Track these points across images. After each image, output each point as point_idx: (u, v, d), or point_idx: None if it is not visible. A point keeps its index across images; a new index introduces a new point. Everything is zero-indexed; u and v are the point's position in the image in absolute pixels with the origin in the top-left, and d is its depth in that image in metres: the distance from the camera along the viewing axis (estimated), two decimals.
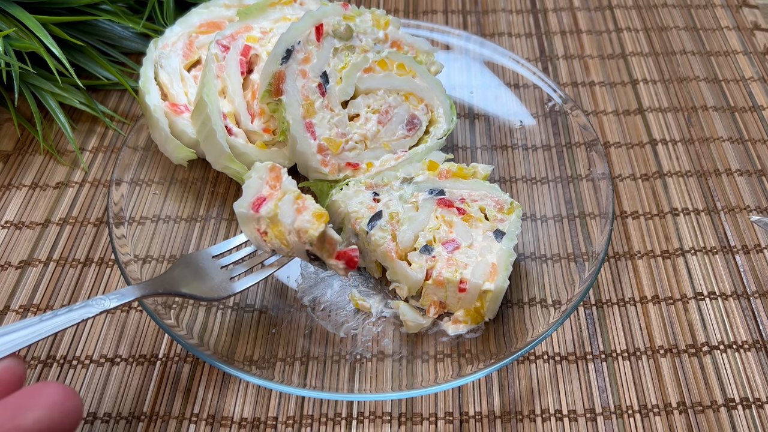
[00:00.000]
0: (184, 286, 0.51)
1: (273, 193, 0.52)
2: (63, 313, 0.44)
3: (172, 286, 0.50)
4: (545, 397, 0.51)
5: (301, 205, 0.50)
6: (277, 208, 0.50)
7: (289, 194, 0.51)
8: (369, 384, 0.51)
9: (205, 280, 0.52)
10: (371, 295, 0.56)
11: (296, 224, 0.49)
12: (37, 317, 0.44)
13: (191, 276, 0.52)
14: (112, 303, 0.46)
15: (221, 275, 0.53)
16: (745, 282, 0.58)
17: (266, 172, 0.53)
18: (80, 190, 0.65)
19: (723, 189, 0.64)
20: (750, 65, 0.75)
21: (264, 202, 0.51)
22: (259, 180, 0.52)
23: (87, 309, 0.45)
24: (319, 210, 0.50)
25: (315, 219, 0.49)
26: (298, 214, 0.50)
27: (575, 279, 0.55)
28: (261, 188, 0.52)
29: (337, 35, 0.60)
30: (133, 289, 0.48)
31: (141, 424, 0.50)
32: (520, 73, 0.69)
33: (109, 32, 0.72)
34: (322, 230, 0.49)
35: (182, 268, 0.52)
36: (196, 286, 0.51)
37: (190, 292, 0.51)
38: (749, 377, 0.52)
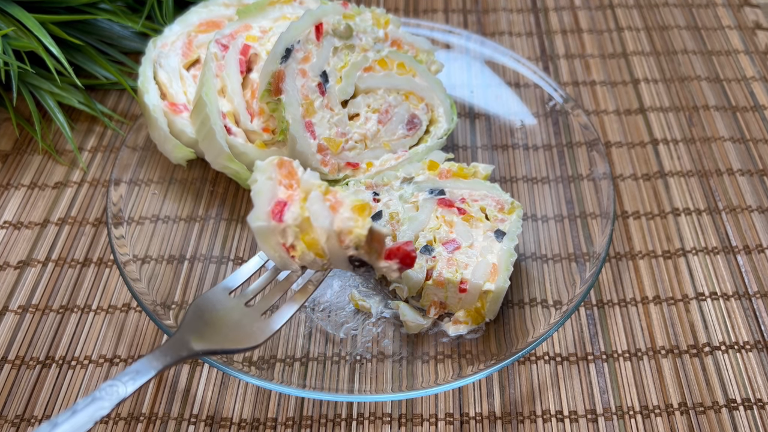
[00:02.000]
0: (207, 340, 0.41)
1: (293, 194, 0.42)
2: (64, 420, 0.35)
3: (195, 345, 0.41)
4: (546, 398, 0.51)
5: (333, 201, 0.41)
6: (305, 210, 0.41)
7: (315, 191, 0.41)
8: (369, 385, 0.51)
9: (230, 324, 0.43)
10: (371, 296, 0.56)
11: (336, 226, 0.40)
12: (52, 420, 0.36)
13: (212, 324, 0.43)
14: (128, 388, 0.38)
15: (248, 315, 0.44)
16: (746, 282, 0.58)
17: (275, 170, 0.42)
18: (79, 190, 0.64)
19: (724, 189, 0.64)
20: (751, 65, 0.75)
21: (285, 207, 0.41)
22: (269, 181, 0.42)
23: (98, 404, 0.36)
24: (358, 201, 0.40)
25: (357, 214, 0.40)
26: (334, 212, 0.40)
27: (576, 279, 0.55)
28: (275, 191, 0.42)
29: (337, 34, 0.60)
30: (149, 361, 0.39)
31: (140, 425, 0.50)
32: (520, 73, 0.68)
33: (108, 31, 0.72)
34: (369, 226, 0.39)
35: (198, 317, 0.43)
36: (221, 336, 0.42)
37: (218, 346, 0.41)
38: (751, 378, 0.52)
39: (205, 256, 0.59)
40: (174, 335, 0.42)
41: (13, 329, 0.55)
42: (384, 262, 0.41)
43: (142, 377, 0.39)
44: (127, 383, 0.38)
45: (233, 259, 0.59)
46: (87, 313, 0.56)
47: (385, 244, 0.40)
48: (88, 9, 0.69)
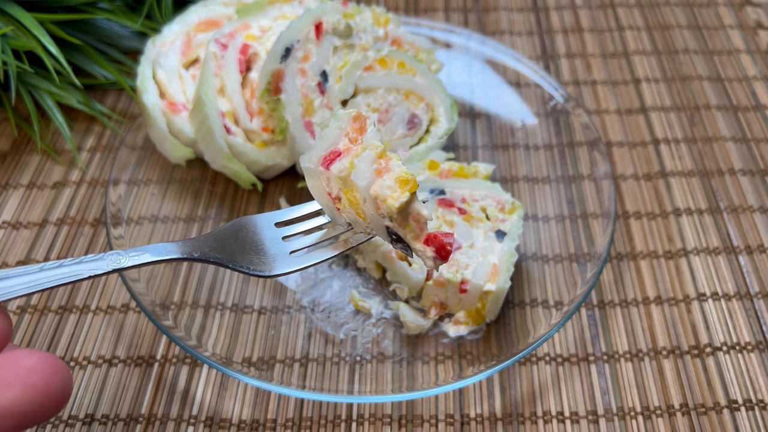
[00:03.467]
0: (227, 253, 0.42)
1: (351, 148, 0.41)
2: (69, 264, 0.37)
3: (212, 250, 0.42)
4: (547, 399, 0.51)
5: (383, 166, 0.40)
6: (353, 166, 0.40)
7: (369, 150, 0.40)
8: (369, 386, 0.51)
9: (258, 250, 0.43)
10: (371, 296, 0.56)
11: (372, 189, 0.39)
12: (38, 265, 0.37)
13: (241, 242, 0.43)
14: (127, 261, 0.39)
15: (279, 247, 0.44)
16: (748, 282, 0.57)
17: (348, 121, 0.42)
18: (78, 189, 0.64)
19: (726, 189, 0.64)
20: (753, 64, 0.74)
21: (338, 157, 0.41)
22: (338, 130, 0.42)
23: (98, 263, 0.38)
24: (406, 174, 0.39)
25: (398, 185, 0.39)
26: (378, 176, 0.40)
27: (577, 280, 0.54)
28: (338, 140, 0.42)
29: (337, 33, 0.59)
30: (159, 248, 0.40)
31: (139, 426, 0.50)
32: (521, 72, 0.68)
33: (106, 31, 0.72)
34: (405, 201, 0.38)
35: (233, 231, 0.43)
36: (243, 256, 0.42)
37: (232, 261, 0.42)
38: (752, 378, 0.52)
39: None
40: (202, 236, 0.43)
41: None
42: (420, 245, 0.40)
43: (145, 257, 0.39)
44: (130, 257, 0.39)
45: None
46: (86, 313, 0.56)
47: (425, 226, 0.40)
48: (86, 8, 0.69)
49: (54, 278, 0.37)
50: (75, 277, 0.37)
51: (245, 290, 0.57)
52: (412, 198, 0.39)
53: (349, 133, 0.42)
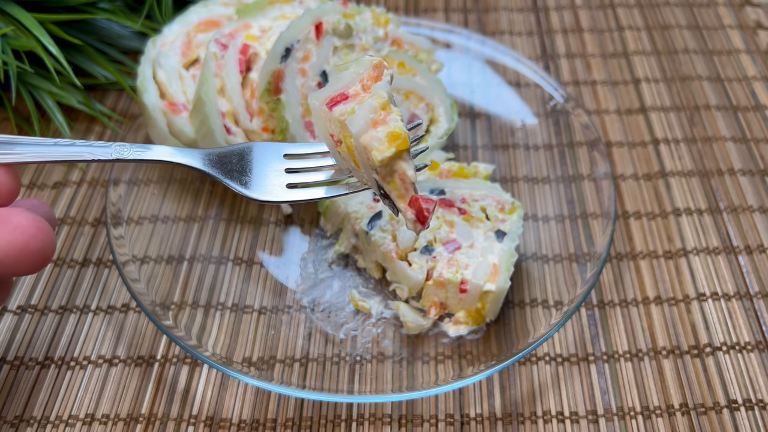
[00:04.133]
0: (226, 171, 0.43)
1: (360, 94, 0.41)
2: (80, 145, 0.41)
3: (212, 163, 0.43)
4: (547, 399, 0.51)
5: (380, 117, 0.40)
6: (352, 111, 0.40)
7: (372, 99, 0.40)
8: (369, 385, 0.51)
9: (257, 174, 0.44)
10: (371, 296, 0.56)
11: (363, 138, 0.39)
12: (53, 140, 0.40)
13: (243, 163, 0.44)
14: (130, 154, 0.41)
15: (279, 177, 0.44)
16: (747, 283, 0.57)
17: (368, 68, 0.42)
18: (78, 190, 0.64)
19: (726, 189, 0.64)
20: (753, 64, 0.75)
21: (345, 100, 0.41)
22: (355, 74, 0.42)
23: (104, 150, 0.41)
24: (398, 130, 0.39)
25: (387, 139, 0.39)
26: (372, 127, 0.39)
27: (577, 280, 0.54)
28: (352, 84, 0.42)
29: (337, 33, 0.60)
30: (163, 151, 0.42)
31: (139, 425, 0.50)
32: (521, 72, 0.68)
33: (107, 31, 0.72)
34: (388, 155, 0.39)
35: (239, 152, 0.44)
36: (240, 176, 0.43)
37: (228, 177, 0.43)
38: (752, 378, 0.52)
39: (204, 256, 0.59)
40: (203, 149, 0.44)
41: (11, 330, 0.55)
42: (403, 204, 0.41)
43: (146, 154, 0.42)
44: (133, 151, 0.41)
45: (233, 260, 0.59)
46: (86, 313, 0.56)
47: (410, 186, 0.40)
48: (87, 8, 0.69)
49: (63, 154, 0.40)
50: (81, 158, 0.40)
51: (245, 290, 0.57)
52: (399, 155, 0.39)
53: (364, 79, 0.42)
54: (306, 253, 0.59)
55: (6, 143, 0.40)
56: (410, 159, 0.40)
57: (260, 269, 0.58)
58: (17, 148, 0.40)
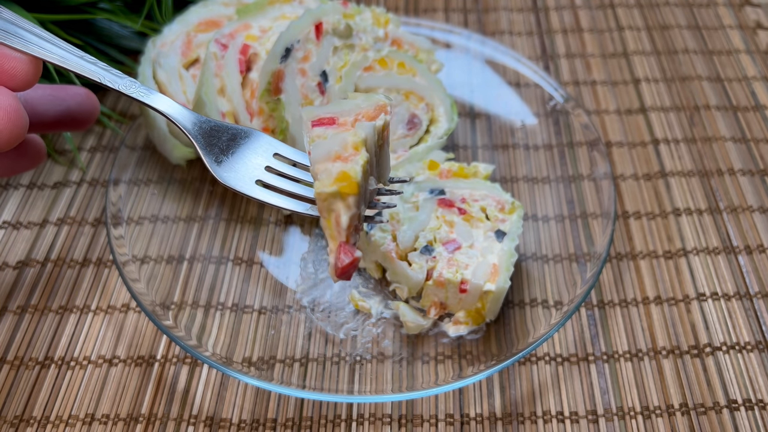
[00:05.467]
0: (210, 144, 0.44)
1: (347, 125, 0.42)
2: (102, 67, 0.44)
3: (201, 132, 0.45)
4: (547, 399, 0.51)
5: (345, 155, 0.40)
6: (325, 137, 0.41)
7: (349, 134, 0.40)
8: (369, 385, 0.51)
9: (236, 159, 0.45)
10: (371, 296, 0.56)
11: (316, 166, 0.40)
12: (81, 53, 0.44)
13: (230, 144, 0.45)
14: (134, 92, 0.44)
15: (254, 169, 0.45)
16: (747, 283, 0.57)
17: (372, 106, 0.43)
18: (78, 190, 0.64)
19: (726, 189, 0.64)
20: (753, 64, 0.75)
21: (330, 125, 0.42)
22: (356, 106, 0.43)
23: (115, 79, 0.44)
24: (351, 174, 0.39)
25: (336, 177, 0.39)
26: (332, 160, 0.39)
27: (577, 280, 0.54)
28: (348, 113, 0.42)
29: (337, 34, 0.60)
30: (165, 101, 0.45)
31: (139, 425, 0.50)
32: (521, 72, 0.68)
33: (107, 31, 0.72)
34: (327, 192, 0.39)
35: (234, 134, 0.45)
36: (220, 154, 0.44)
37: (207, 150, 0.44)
38: (752, 378, 0.52)
39: (204, 256, 0.59)
40: (201, 116, 0.46)
41: (12, 330, 0.55)
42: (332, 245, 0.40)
43: (148, 99, 0.44)
44: (139, 91, 0.44)
45: (233, 260, 0.59)
46: (86, 313, 0.56)
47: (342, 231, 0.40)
48: (87, 8, 0.69)
49: (83, 68, 0.43)
50: (95, 77, 0.43)
51: (245, 290, 0.57)
52: (338, 195, 0.39)
53: (361, 114, 0.42)
54: (306, 253, 0.59)
55: (39, 38, 0.42)
56: (354, 208, 0.39)
57: (260, 269, 0.58)
58: (47, 46, 0.42)
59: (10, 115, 0.40)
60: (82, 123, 0.51)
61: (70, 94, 0.49)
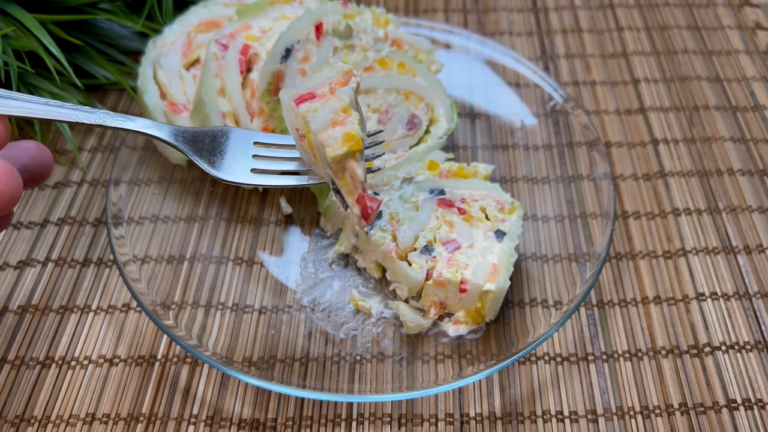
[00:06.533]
0: (197, 148, 0.46)
1: (326, 95, 0.45)
2: (68, 108, 0.43)
3: (184, 141, 0.46)
4: (546, 398, 0.51)
5: (340, 119, 0.43)
6: (315, 110, 0.44)
7: (335, 101, 0.44)
8: (369, 385, 0.51)
9: (225, 155, 0.47)
10: (371, 296, 0.56)
11: (320, 135, 0.43)
12: (45, 99, 0.43)
13: (215, 144, 0.47)
14: (112, 122, 0.44)
15: (245, 161, 0.48)
16: (747, 282, 0.57)
17: (338, 74, 0.46)
18: (78, 190, 0.64)
19: (725, 189, 0.64)
20: (752, 64, 0.75)
21: (311, 99, 0.45)
22: (325, 77, 0.46)
23: (89, 115, 0.43)
24: (354, 132, 0.43)
25: (342, 138, 0.42)
26: (331, 126, 0.43)
27: (576, 279, 0.55)
28: (321, 86, 0.46)
29: (337, 34, 0.60)
30: (143, 123, 0.45)
31: (140, 425, 0.50)
32: (521, 72, 0.68)
33: (107, 31, 0.72)
34: (341, 153, 0.42)
35: (213, 134, 0.47)
36: (209, 156, 0.46)
37: (198, 155, 0.46)
38: (751, 378, 0.52)
39: (204, 256, 0.59)
40: (180, 126, 0.47)
41: (12, 329, 0.55)
42: (351, 200, 0.45)
43: (127, 124, 0.45)
44: (116, 119, 0.44)
45: (233, 259, 0.59)
46: (87, 313, 0.56)
47: (359, 184, 0.44)
48: (87, 9, 0.69)
49: (52, 113, 0.43)
50: (68, 119, 0.43)
51: (246, 290, 0.57)
52: (350, 154, 0.43)
53: (333, 83, 0.45)
54: (306, 252, 0.59)
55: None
56: (362, 161, 0.44)
57: (260, 269, 0.58)
58: (8, 102, 0.42)
59: (9, 178, 0.39)
60: (39, 177, 0.46)
61: (21, 150, 0.45)
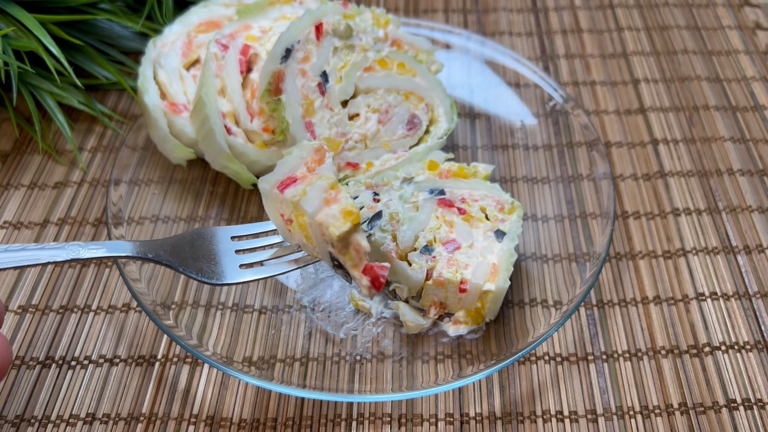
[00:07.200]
0: (180, 258, 0.45)
1: (307, 176, 0.45)
2: (32, 248, 0.42)
3: (166, 254, 0.45)
4: (546, 398, 0.51)
5: (332, 196, 0.44)
6: (304, 193, 0.44)
7: (322, 180, 0.44)
8: (369, 385, 0.51)
9: (210, 259, 0.47)
10: None
11: (318, 216, 0.43)
12: (3, 246, 0.41)
13: (196, 250, 0.46)
14: (86, 253, 0.42)
15: (231, 259, 0.47)
16: (746, 282, 0.57)
17: (310, 152, 0.47)
18: (79, 190, 0.64)
19: (725, 189, 0.64)
20: (752, 64, 0.75)
21: (294, 183, 0.45)
22: (299, 159, 0.46)
23: (58, 252, 0.42)
24: (351, 207, 0.43)
25: (342, 216, 0.43)
26: (325, 205, 0.43)
27: (576, 279, 0.55)
28: (297, 168, 0.46)
29: (337, 34, 0.60)
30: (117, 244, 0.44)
31: (140, 425, 0.50)
32: (521, 73, 0.68)
33: (107, 31, 0.72)
34: (345, 230, 0.42)
35: (190, 239, 0.47)
36: (194, 263, 0.46)
37: (183, 266, 0.45)
38: (751, 378, 0.52)
39: None
40: (160, 240, 0.46)
41: (13, 329, 0.55)
42: (358, 273, 0.44)
43: (102, 251, 0.43)
44: (89, 249, 0.43)
45: None
46: (87, 313, 0.56)
47: (364, 256, 0.44)
48: (88, 9, 0.69)
49: (16, 260, 0.41)
50: (35, 261, 0.41)
51: (246, 290, 0.57)
52: (353, 229, 0.43)
53: (308, 162, 0.46)
54: None
55: None
56: (362, 232, 0.44)
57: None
58: None
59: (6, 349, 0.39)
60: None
61: None
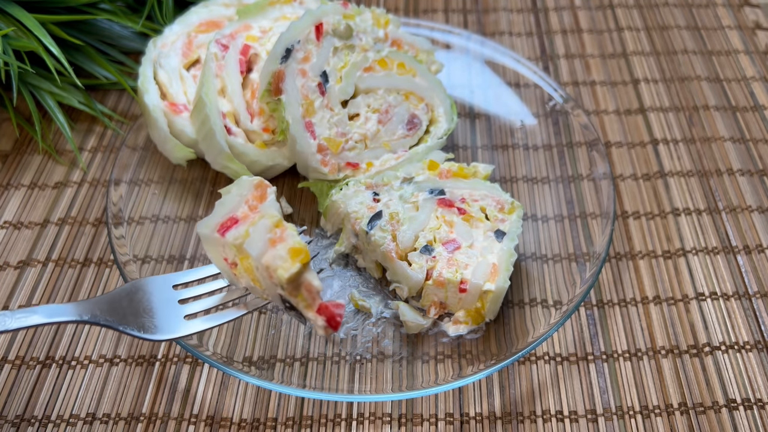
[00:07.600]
0: (119, 316, 0.42)
1: (249, 216, 0.42)
2: None
3: (103, 313, 0.42)
4: (546, 398, 0.51)
5: (277, 236, 0.41)
6: (247, 234, 0.41)
7: (265, 219, 0.41)
8: (369, 385, 0.51)
9: (152, 313, 0.43)
10: (371, 296, 0.56)
11: (264, 259, 0.40)
12: None
13: (135, 305, 0.43)
14: (15, 324, 0.39)
15: (174, 310, 0.44)
16: (746, 282, 0.57)
17: (250, 189, 0.44)
18: (79, 190, 0.64)
19: (724, 189, 0.64)
20: (752, 65, 0.75)
21: (235, 224, 0.42)
22: (239, 197, 0.43)
23: None
24: (298, 245, 0.40)
25: (289, 256, 0.40)
26: (271, 246, 0.40)
27: (576, 279, 0.55)
28: (237, 207, 0.43)
29: (337, 34, 0.60)
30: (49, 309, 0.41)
31: (140, 425, 0.50)
32: (520, 73, 0.68)
33: (108, 31, 0.72)
34: (294, 271, 0.39)
35: (127, 294, 0.44)
36: (135, 319, 0.42)
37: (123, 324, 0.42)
38: (751, 378, 0.52)
39: (205, 256, 0.59)
40: (92, 298, 0.43)
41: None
42: (312, 314, 0.41)
43: (34, 319, 0.39)
44: (17, 318, 0.39)
45: None
46: None
47: (316, 296, 0.41)
48: (88, 9, 0.69)
49: None
50: None
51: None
52: (303, 269, 0.40)
53: (249, 200, 0.43)
54: None
55: None
56: (312, 270, 0.40)
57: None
58: None
59: None
60: None
61: None
